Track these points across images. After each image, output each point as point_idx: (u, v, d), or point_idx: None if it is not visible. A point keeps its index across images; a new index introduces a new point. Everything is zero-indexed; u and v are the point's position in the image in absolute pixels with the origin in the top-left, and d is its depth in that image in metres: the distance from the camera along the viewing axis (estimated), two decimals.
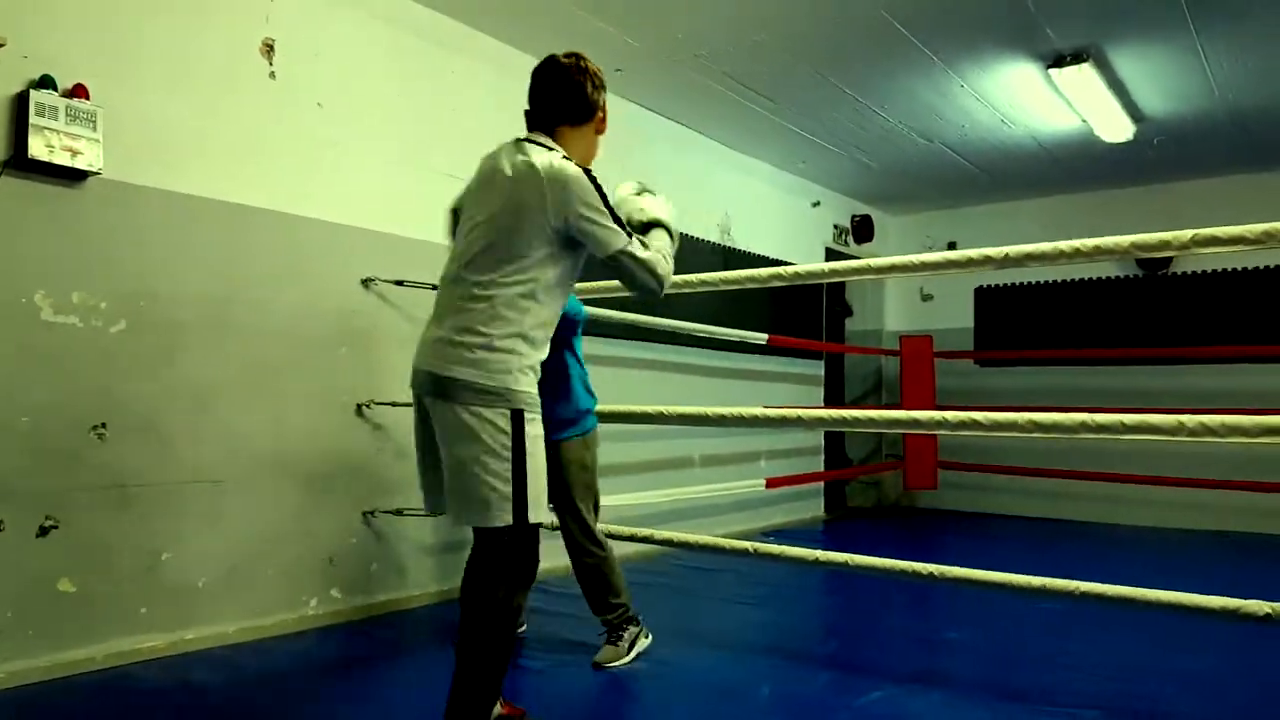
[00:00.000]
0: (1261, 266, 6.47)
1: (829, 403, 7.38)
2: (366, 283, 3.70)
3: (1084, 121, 5.37)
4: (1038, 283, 7.32)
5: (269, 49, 3.41)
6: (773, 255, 6.37)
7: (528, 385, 2.05)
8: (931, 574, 2.78)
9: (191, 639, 3.10)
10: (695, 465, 5.66)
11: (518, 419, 1.99)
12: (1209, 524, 6.42)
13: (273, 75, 3.42)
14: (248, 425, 3.31)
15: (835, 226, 7.37)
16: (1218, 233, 2.44)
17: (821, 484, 7.14)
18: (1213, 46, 4.37)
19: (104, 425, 2.93)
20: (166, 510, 3.07)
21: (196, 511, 3.15)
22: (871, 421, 3.06)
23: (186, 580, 3.11)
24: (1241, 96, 5.03)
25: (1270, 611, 2.36)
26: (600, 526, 3.33)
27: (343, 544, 3.60)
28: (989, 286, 7.54)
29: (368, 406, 3.68)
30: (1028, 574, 2.73)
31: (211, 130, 3.24)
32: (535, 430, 2.04)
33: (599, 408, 3.31)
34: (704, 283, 3.43)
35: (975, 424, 2.65)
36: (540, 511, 2.04)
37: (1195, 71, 4.69)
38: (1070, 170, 6.56)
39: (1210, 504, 6.33)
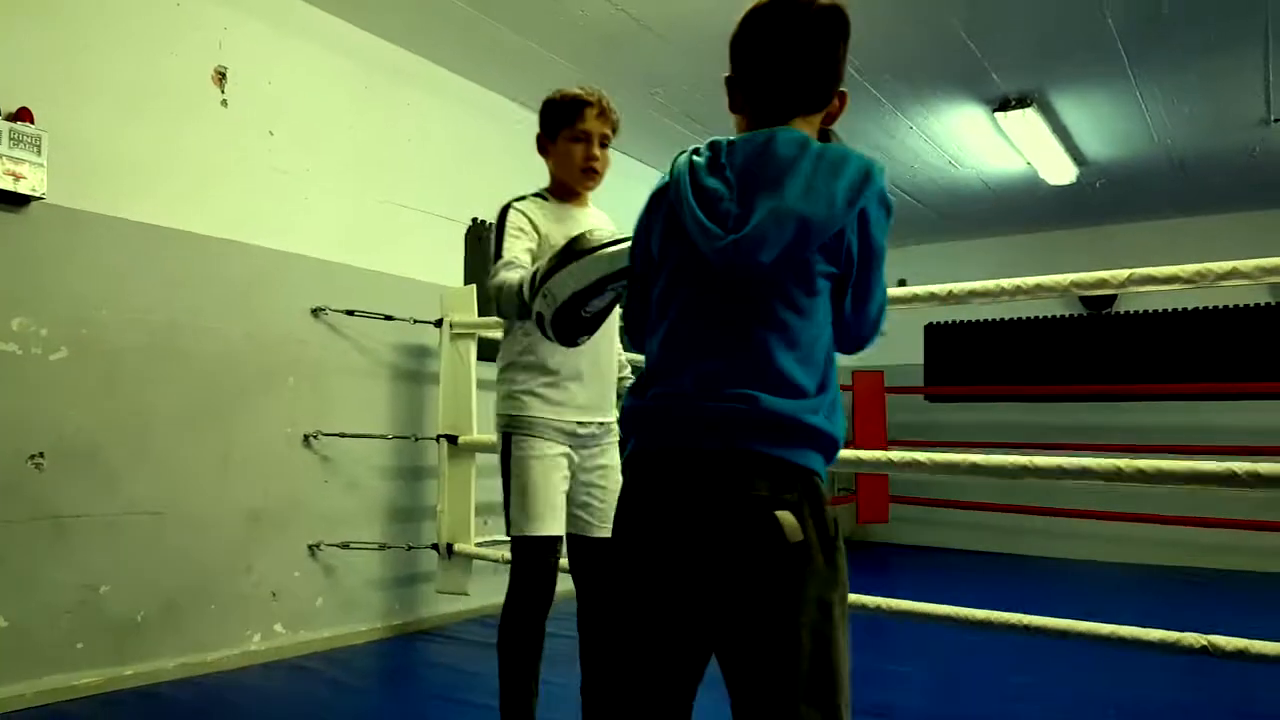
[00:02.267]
0: (1201, 307, 6.68)
1: None
2: (316, 312, 3.67)
3: (1029, 164, 5.53)
4: (986, 320, 7.47)
5: (221, 77, 3.40)
6: None
7: (516, 409, 2.16)
8: (879, 607, 2.80)
9: (129, 675, 3.01)
10: None
11: (505, 441, 2.17)
12: (1154, 559, 6.54)
13: (224, 103, 3.41)
14: (191, 455, 3.25)
15: None
16: (1154, 272, 2.52)
17: None
18: (1150, 93, 4.54)
19: (41, 455, 2.86)
20: (105, 542, 2.99)
21: (136, 544, 3.07)
22: None
23: (124, 614, 3.03)
24: (1179, 141, 5.22)
25: (1206, 644, 2.41)
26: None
27: (287, 578, 3.53)
28: (939, 323, 7.68)
29: (315, 438, 3.63)
30: (976, 607, 2.76)
31: (161, 157, 3.20)
32: (530, 450, 2.13)
33: None
34: None
35: (919, 465, 2.68)
36: (535, 524, 2.10)
37: (1135, 117, 4.86)
38: (1017, 211, 6.74)
39: (1155, 539, 6.45)
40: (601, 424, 2.24)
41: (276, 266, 3.55)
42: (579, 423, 2.18)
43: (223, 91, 3.41)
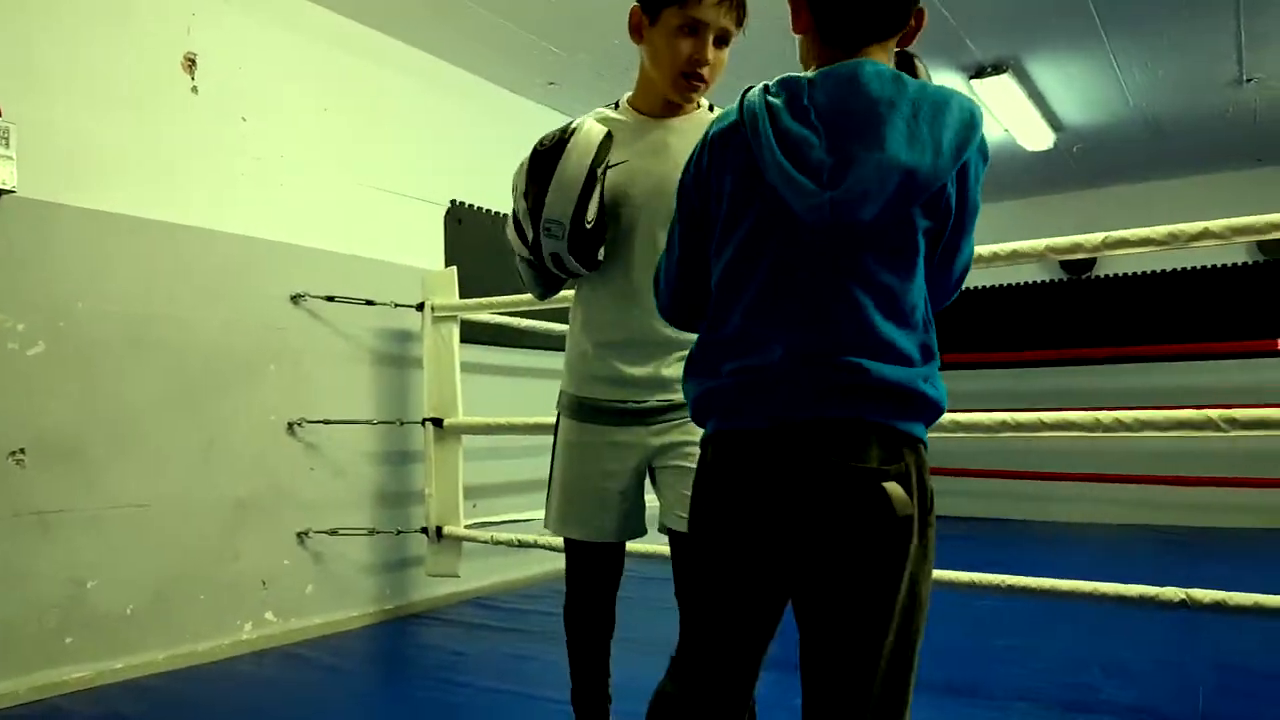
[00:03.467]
0: (1181, 268, 6.73)
1: None
2: (296, 299, 3.65)
3: (1006, 131, 5.54)
4: (968, 288, 7.46)
5: (191, 63, 3.35)
6: None
7: (564, 385, 1.80)
8: None
9: (120, 668, 3.01)
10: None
11: (557, 422, 1.82)
12: (1139, 518, 6.63)
13: (195, 90, 3.37)
14: (174, 447, 3.24)
15: None
16: (1127, 235, 2.54)
17: None
18: (1124, 57, 4.55)
19: (22, 451, 2.84)
20: (91, 537, 2.99)
21: (122, 537, 3.07)
22: None
23: (113, 608, 3.02)
24: (1154, 105, 5.24)
25: (1185, 598, 2.45)
26: (543, 538, 3.28)
27: (276, 566, 3.53)
28: None
29: (299, 425, 3.62)
30: (960, 570, 2.80)
31: (132, 146, 3.17)
32: (567, 436, 1.77)
33: (534, 419, 3.29)
34: None
35: None
36: (561, 526, 1.78)
37: (1110, 81, 4.87)
38: (995, 178, 6.73)
39: (1139, 499, 6.53)
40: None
41: (254, 254, 3.52)
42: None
43: (193, 79, 3.37)
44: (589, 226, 1.60)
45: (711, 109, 1.79)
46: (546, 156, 1.64)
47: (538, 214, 1.62)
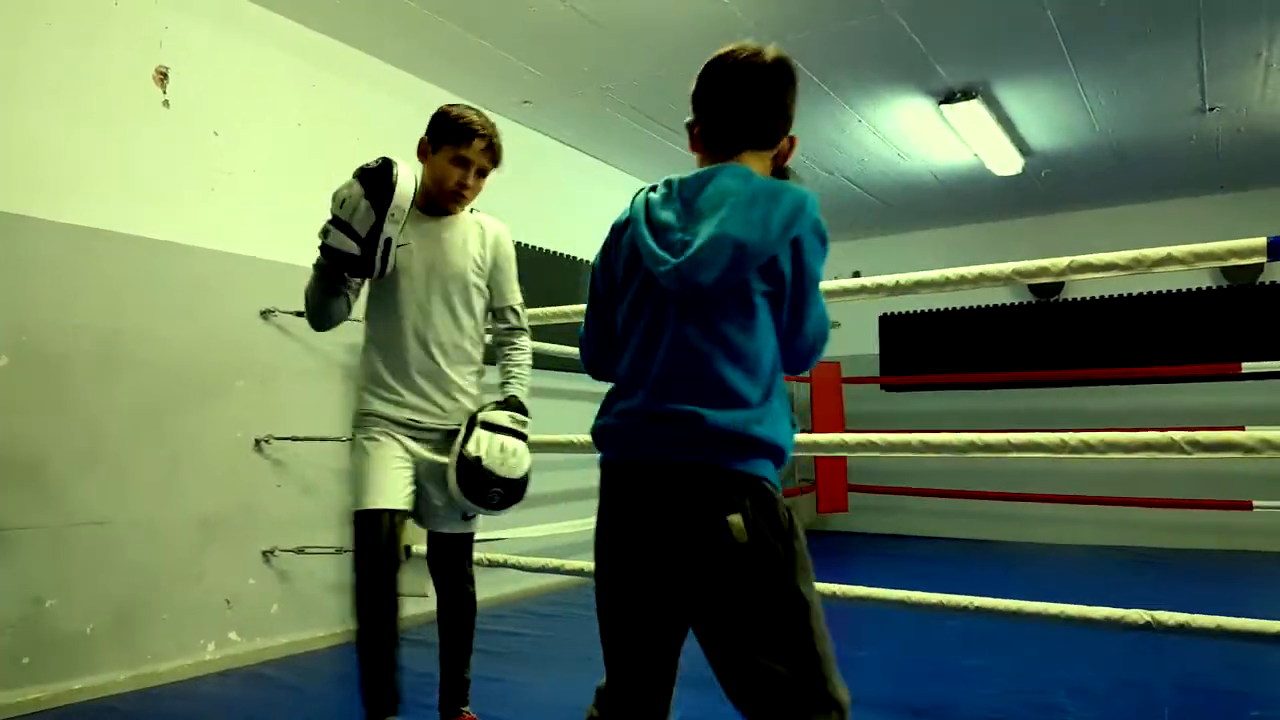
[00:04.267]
0: (1147, 292, 6.84)
1: None
2: (266, 314, 3.62)
3: (976, 155, 5.62)
4: (939, 310, 7.58)
5: (163, 77, 3.33)
6: None
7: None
8: (834, 594, 2.84)
9: (79, 689, 2.95)
10: None
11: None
12: (1105, 539, 6.71)
13: (166, 104, 3.34)
14: (138, 463, 3.19)
15: None
16: (1092, 259, 2.59)
17: None
18: (1090, 84, 4.64)
19: None
20: (51, 554, 2.93)
21: (83, 554, 3.01)
22: None
23: (72, 627, 2.97)
24: (1119, 132, 5.34)
25: (1150, 620, 2.48)
26: (513, 558, 3.27)
27: (241, 585, 3.48)
28: (893, 314, 7.78)
29: (266, 442, 3.58)
30: (929, 591, 2.81)
31: (101, 159, 3.14)
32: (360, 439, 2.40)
33: None
34: None
35: (873, 445, 2.74)
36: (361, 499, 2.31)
37: (1076, 108, 4.96)
38: (965, 202, 6.84)
39: (1105, 519, 6.61)
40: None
41: (223, 269, 3.49)
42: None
43: (164, 92, 3.35)
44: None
45: (473, 212, 2.46)
46: (383, 173, 2.21)
47: (385, 203, 2.15)
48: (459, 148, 2.32)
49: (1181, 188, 6.55)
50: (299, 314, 3.68)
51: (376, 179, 2.18)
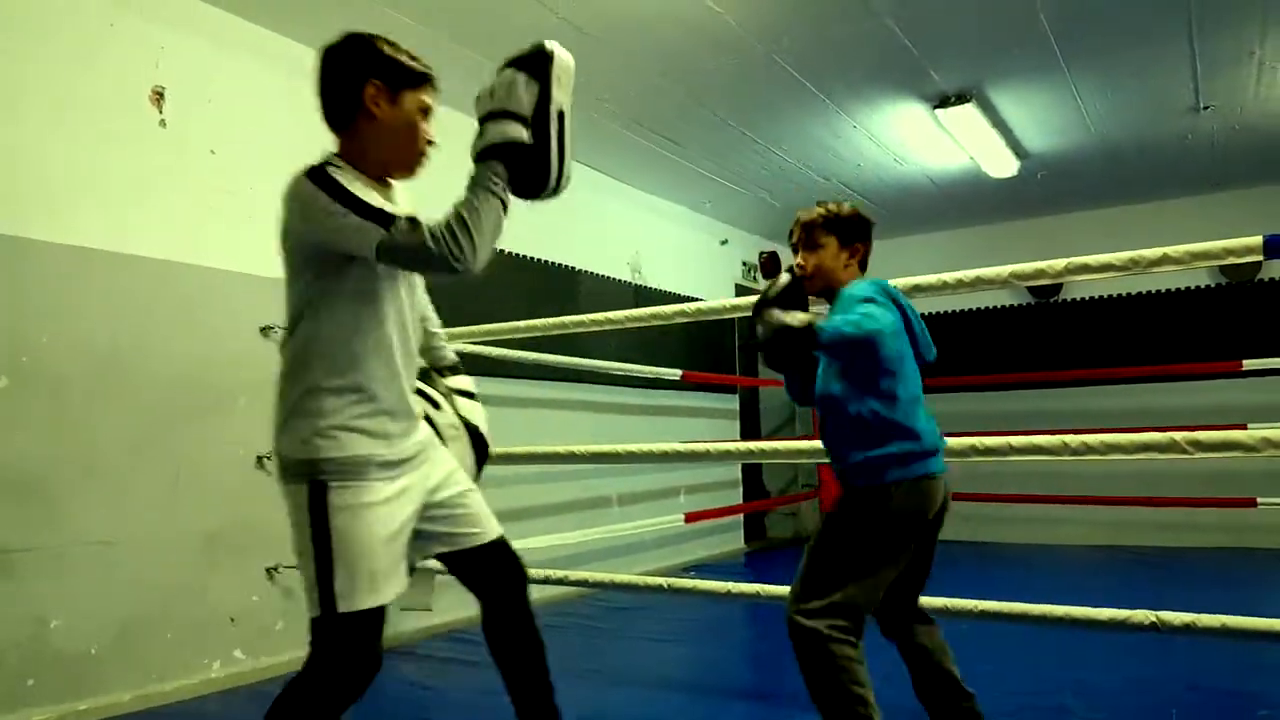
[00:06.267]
0: (1145, 291, 6.85)
1: (745, 436, 7.47)
2: (265, 330, 3.62)
3: (971, 159, 5.63)
4: (938, 312, 7.59)
5: (159, 96, 3.34)
6: (684, 292, 6.46)
7: (334, 450, 1.67)
8: None
9: (84, 710, 2.94)
10: (613, 504, 5.65)
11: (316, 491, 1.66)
12: (1108, 539, 6.69)
13: (163, 123, 3.35)
14: (140, 481, 3.19)
15: (744, 263, 7.53)
16: (1088, 261, 2.58)
17: (741, 516, 7.20)
18: (1085, 86, 4.65)
19: None
20: (54, 575, 2.93)
21: (87, 575, 3.01)
22: (776, 452, 3.12)
23: (77, 648, 2.96)
24: (1114, 132, 5.35)
25: (1155, 620, 2.47)
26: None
27: (245, 602, 3.47)
28: None
29: (268, 458, 3.58)
30: (932, 595, 2.80)
31: (100, 180, 3.15)
32: (348, 500, 1.66)
33: (511, 449, 3.28)
34: (609, 321, 3.47)
35: None
36: (364, 597, 1.68)
37: (1071, 110, 4.97)
38: (962, 205, 6.86)
39: (1108, 520, 6.60)
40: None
41: (223, 286, 3.50)
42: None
43: (161, 112, 3.36)
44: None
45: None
46: (535, 50, 1.82)
47: (546, 73, 1.75)
48: (419, 91, 1.83)
49: (1177, 187, 6.57)
50: None
51: (529, 57, 1.78)
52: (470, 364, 4.39)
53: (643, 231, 6.24)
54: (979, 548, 6.88)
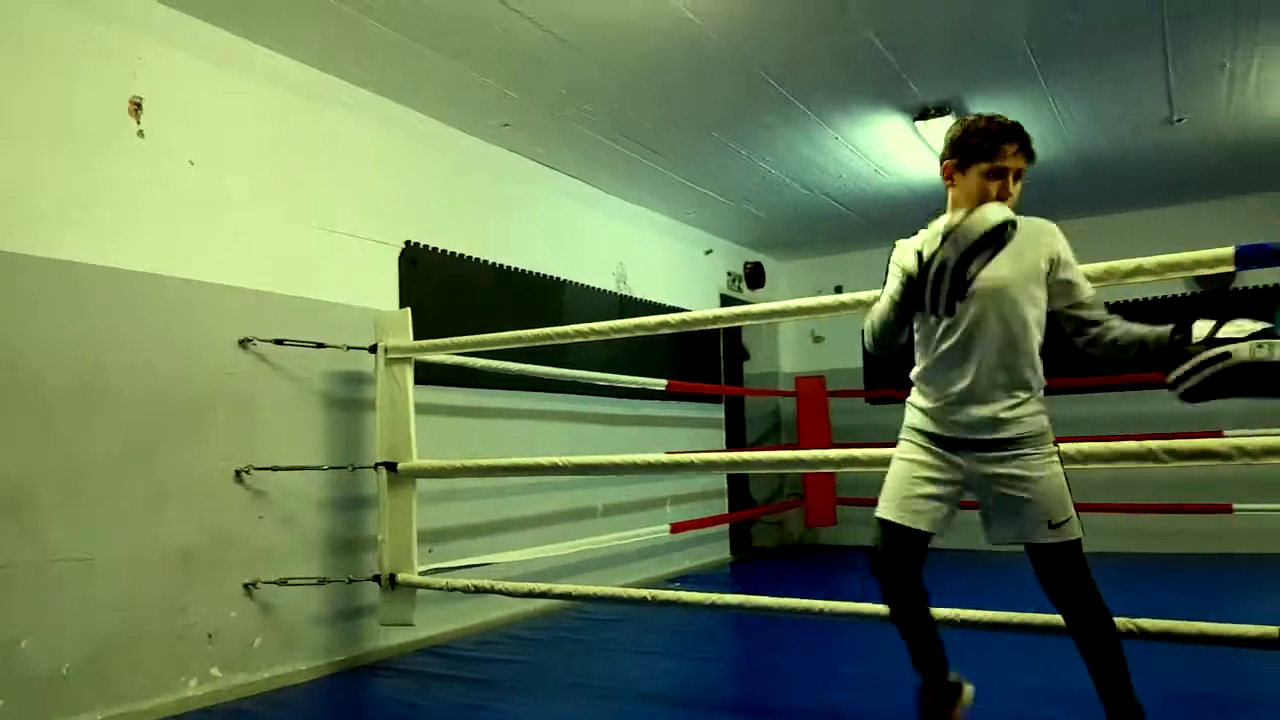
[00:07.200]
0: (1121, 300, 6.91)
1: (731, 445, 7.47)
2: (244, 343, 3.59)
3: None
4: None
5: (137, 107, 3.32)
6: (669, 303, 6.47)
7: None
8: (822, 610, 2.83)
9: None
10: (598, 515, 5.64)
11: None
12: (1089, 547, 6.70)
13: (141, 134, 3.33)
14: (117, 496, 3.15)
15: (729, 273, 7.55)
16: None
17: (727, 526, 7.19)
18: (1060, 98, 4.70)
19: None
20: (27, 593, 2.89)
21: (61, 592, 2.97)
22: (759, 463, 3.13)
23: (48, 668, 2.91)
24: (1089, 144, 5.41)
25: (1134, 628, 2.49)
26: (498, 582, 3.23)
27: (223, 619, 3.44)
28: None
29: (247, 472, 3.55)
30: None
31: (78, 192, 3.12)
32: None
33: (495, 461, 3.26)
34: (594, 332, 3.47)
35: (856, 460, 2.74)
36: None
37: (1048, 121, 5.02)
38: (941, 216, 6.89)
39: (1088, 526, 6.61)
40: None
41: (202, 298, 3.47)
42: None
43: (139, 123, 3.33)
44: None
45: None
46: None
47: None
48: (992, 159, 2.32)
49: (1152, 198, 6.64)
50: (278, 341, 3.67)
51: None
52: (455, 375, 4.41)
53: (627, 242, 6.25)
54: (959, 556, 6.89)
